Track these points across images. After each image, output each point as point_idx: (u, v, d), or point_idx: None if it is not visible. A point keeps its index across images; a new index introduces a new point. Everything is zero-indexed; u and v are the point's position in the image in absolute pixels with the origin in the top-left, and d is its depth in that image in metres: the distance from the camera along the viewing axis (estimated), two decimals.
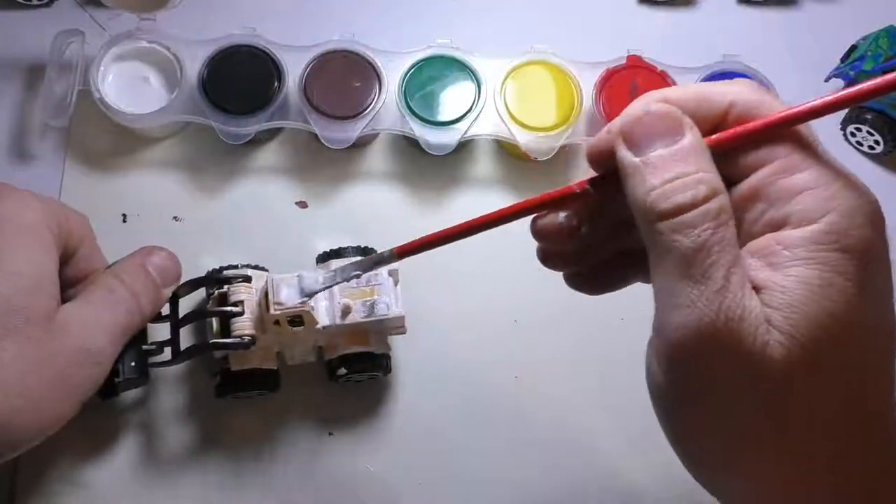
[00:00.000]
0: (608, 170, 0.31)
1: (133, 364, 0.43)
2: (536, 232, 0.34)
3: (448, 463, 0.47)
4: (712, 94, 0.30)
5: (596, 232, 0.34)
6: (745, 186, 0.30)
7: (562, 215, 0.34)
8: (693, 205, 0.27)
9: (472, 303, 0.50)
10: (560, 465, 0.48)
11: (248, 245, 0.50)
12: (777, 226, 0.28)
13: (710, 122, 0.30)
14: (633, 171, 0.29)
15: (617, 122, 0.30)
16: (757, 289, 0.28)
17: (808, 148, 0.29)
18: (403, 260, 0.36)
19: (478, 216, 0.33)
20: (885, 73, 0.53)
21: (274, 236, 0.51)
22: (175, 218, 0.51)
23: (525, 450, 0.48)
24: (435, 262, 0.46)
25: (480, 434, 0.48)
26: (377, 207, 0.52)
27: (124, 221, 0.51)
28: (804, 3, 0.61)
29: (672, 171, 0.28)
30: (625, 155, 0.29)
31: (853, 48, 0.56)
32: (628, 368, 0.49)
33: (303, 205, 0.52)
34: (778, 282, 0.27)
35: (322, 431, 0.47)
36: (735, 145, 0.29)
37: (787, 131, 0.29)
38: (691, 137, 0.29)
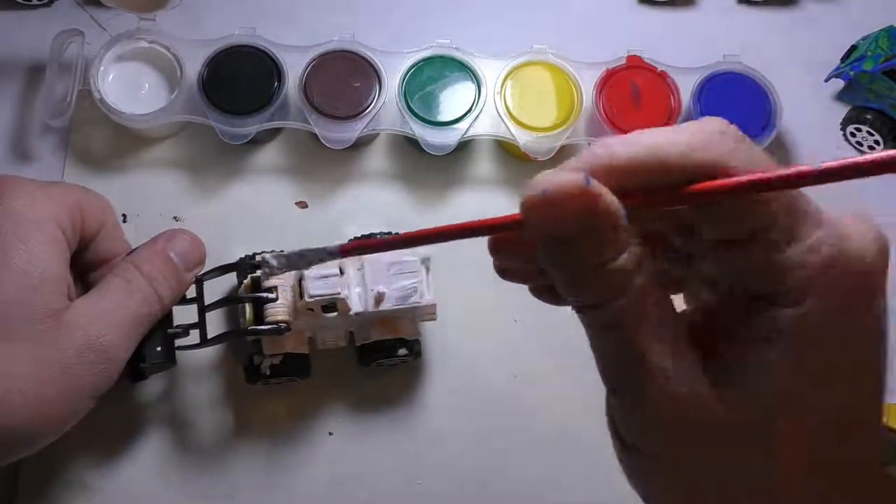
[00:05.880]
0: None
1: (158, 349, 0.43)
2: (491, 247, 0.32)
3: (447, 462, 0.47)
4: (666, 147, 0.25)
5: None
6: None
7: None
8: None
9: (471, 302, 0.50)
10: (560, 465, 0.48)
11: (249, 245, 0.50)
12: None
13: (677, 173, 0.25)
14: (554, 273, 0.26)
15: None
16: (714, 356, 0.26)
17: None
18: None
19: (422, 228, 0.31)
20: (884, 73, 0.53)
21: (274, 236, 0.51)
22: (175, 218, 0.51)
23: (524, 449, 0.48)
24: (434, 263, 0.46)
25: (480, 434, 0.48)
26: (377, 207, 0.52)
27: (124, 221, 0.51)
28: (804, 3, 0.61)
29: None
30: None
31: (853, 48, 0.56)
32: None
33: (303, 205, 0.52)
34: (741, 361, 0.26)
35: (321, 432, 0.47)
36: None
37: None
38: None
